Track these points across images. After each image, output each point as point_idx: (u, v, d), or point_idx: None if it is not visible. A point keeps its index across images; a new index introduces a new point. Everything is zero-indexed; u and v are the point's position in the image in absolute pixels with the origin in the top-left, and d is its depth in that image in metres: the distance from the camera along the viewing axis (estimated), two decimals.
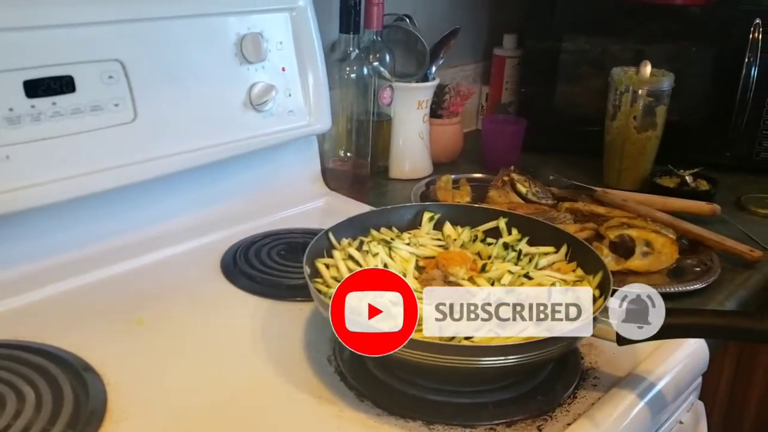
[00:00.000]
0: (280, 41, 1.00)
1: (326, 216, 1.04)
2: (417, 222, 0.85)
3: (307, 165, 1.12)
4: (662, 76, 1.21)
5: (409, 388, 0.65)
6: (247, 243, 0.93)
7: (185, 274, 0.87)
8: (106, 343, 0.71)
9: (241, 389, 0.66)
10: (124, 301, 0.79)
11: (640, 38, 1.34)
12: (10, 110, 0.75)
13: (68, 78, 0.79)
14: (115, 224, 0.89)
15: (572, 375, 0.69)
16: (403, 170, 1.27)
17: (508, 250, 0.78)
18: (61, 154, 0.79)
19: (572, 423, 0.62)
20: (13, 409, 0.59)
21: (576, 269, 0.76)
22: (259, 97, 0.97)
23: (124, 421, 0.60)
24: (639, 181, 1.25)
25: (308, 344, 0.73)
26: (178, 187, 0.94)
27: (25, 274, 0.81)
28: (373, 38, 1.16)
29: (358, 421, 0.62)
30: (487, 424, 0.62)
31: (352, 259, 0.75)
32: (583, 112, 1.41)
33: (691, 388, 0.77)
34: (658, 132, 1.23)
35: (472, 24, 1.52)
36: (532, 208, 1.06)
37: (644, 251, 0.93)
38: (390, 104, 1.21)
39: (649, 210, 1.06)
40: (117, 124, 0.84)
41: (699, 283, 0.90)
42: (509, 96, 1.54)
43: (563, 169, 1.29)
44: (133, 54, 0.84)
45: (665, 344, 0.74)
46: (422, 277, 0.74)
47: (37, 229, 0.82)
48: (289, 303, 0.80)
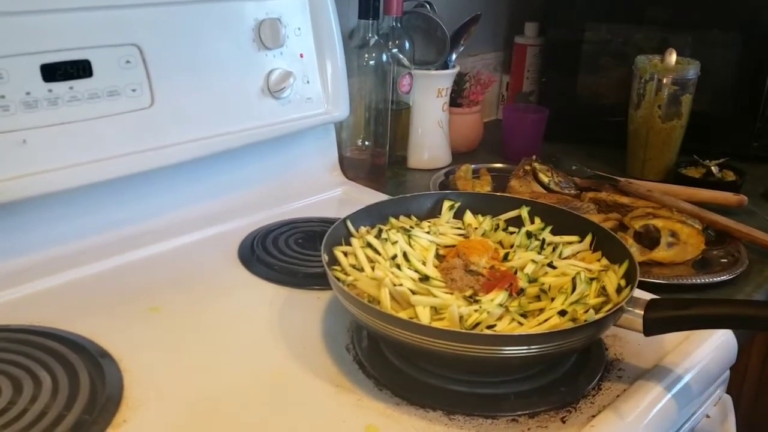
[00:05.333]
0: (298, 27, 0.98)
1: (343, 205, 1.03)
2: (436, 211, 0.84)
3: (325, 153, 1.11)
4: (688, 64, 1.19)
5: (429, 378, 0.64)
6: (265, 231, 0.92)
7: (202, 261, 0.86)
8: (123, 329, 0.70)
9: (258, 377, 0.65)
10: (140, 288, 0.79)
11: (664, 26, 1.32)
12: (27, 94, 0.74)
13: (85, 62, 0.78)
14: (132, 211, 0.89)
15: (596, 366, 0.67)
16: (421, 160, 1.25)
17: (531, 239, 0.76)
18: (78, 139, 0.78)
19: (597, 415, 0.61)
20: (30, 394, 0.58)
21: (601, 259, 0.74)
22: (276, 84, 0.96)
23: (141, 408, 0.59)
24: (663, 171, 1.23)
25: (326, 333, 0.72)
26: (195, 174, 0.94)
27: (42, 260, 0.80)
28: (393, 25, 1.14)
29: (377, 410, 0.61)
30: (509, 415, 0.61)
31: (371, 247, 0.73)
32: (605, 101, 1.39)
33: (718, 381, 0.75)
34: (683, 121, 1.21)
35: (493, 11, 1.49)
36: (554, 198, 1.04)
37: (670, 242, 0.91)
38: (409, 92, 1.19)
39: (674, 200, 1.03)
40: (134, 110, 0.83)
41: (726, 275, 0.87)
42: (530, 85, 1.52)
43: (585, 159, 1.27)
44: (150, 38, 0.83)
45: (692, 336, 0.72)
46: (442, 265, 0.72)
47: (53, 214, 0.82)
48: (306, 291, 0.79)
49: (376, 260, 0.71)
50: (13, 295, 0.75)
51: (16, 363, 0.62)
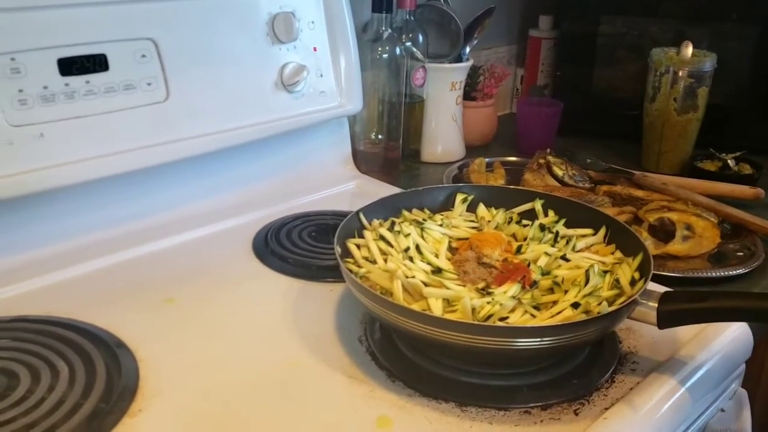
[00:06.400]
0: (312, 20, 0.99)
1: (356, 199, 1.03)
2: (449, 204, 0.84)
3: (338, 147, 1.11)
4: (704, 57, 1.18)
5: (442, 370, 0.64)
6: (278, 224, 0.92)
7: (217, 254, 0.86)
8: (139, 320, 0.71)
9: (272, 367, 0.65)
10: (155, 279, 0.79)
11: (679, 19, 1.30)
12: (44, 88, 0.75)
13: (101, 56, 0.79)
14: (147, 204, 0.89)
15: (610, 359, 0.67)
16: (435, 153, 1.25)
17: (544, 232, 0.76)
18: (94, 132, 0.79)
19: (610, 407, 0.61)
20: (48, 383, 0.59)
21: (615, 252, 0.73)
22: (290, 78, 0.96)
23: (157, 397, 0.60)
24: (679, 164, 1.22)
25: (339, 324, 0.72)
26: (209, 167, 0.94)
27: (59, 251, 0.81)
28: (406, 18, 1.14)
29: (390, 401, 0.61)
30: (522, 407, 0.61)
31: (384, 240, 0.73)
32: (620, 95, 1.38)
33: (733, 375, 0.74)
34: (699, 114, 1.20)
35: (507, 4, 1.49)
36: (568, 191, 1.04)
37: (685, 235, 0.90)
38: (423, 85, 1.19)
39: (689, 194, 1.03)
40: (149, 104, 0.84)
41: (742, 268, 0.87)
42: (545, 78, 1.51)
43: (600, 153, 1.26)
44: (165, 33, 0.84)
45: (707, 329, 0.71)
46: (455, 258, 0.72)
47: (69, 207, 0.83)
48: (320, 284, 0.80)
49: (388, 252, 0.71)
50: (30, 287, 0.76)
51: (34, 353, 0.63)
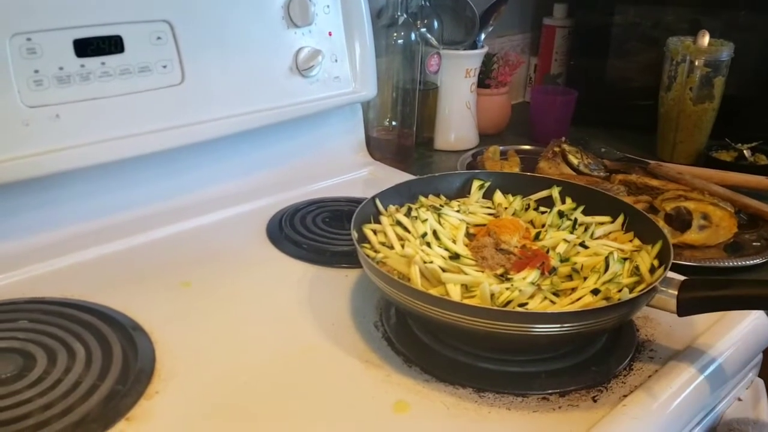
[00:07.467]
0: (327, 5, 0.98)
1: (370, 186, 1.02)
2: (465, 190, 0.83)
3: (352, 133, 1.11)
4: (721, 46, 1.16)
5: (458, 355, 0.64)
6: (293, 210, 0.92)
7: (231, 238, 0.86)
8: (154, 303, 0.71)
9: (288, 351, 0.65)
10: (171, 263, 0.79)
11: (694, 8, 1.29)
12: (60, 69, 0.75)
13: (117, 38, 0.78)
14: (161, 187, 0.89)
15: (628, 347, 0.66)
16: (448, 141, 1.25)
17: (562, 219, 0.76)
18: (109, 114, 0.79)
19: (629, 395, 0.60)
20: (64, 365, 0.59)
21: (633, 239, 0.73)
22: (305, 62, 0.95)
23: (173, 380, 0.60)
24: (694, 154, 1.21)
25: (355, 310, 0.72)
26: (223, 152, 0.94)
27: (75, 234, 0.81)
28: (422, 3, 1.13)
29: (406, 386, 0.60)
30: (540, 393, 0.60)
31: (400, 225, 0.73)
32: (634, 85, 1.37)
33: (751, 364, 0.74)
34: (715, 104, 1.18)
35: None
36: (583, 179, 1.03)
37: (701, 224, 0.90)
38: (437, 72, 1.18)
39: (705, 183, 1.02)
40: (165, 86, 0.83)
41: (759, 258, 0.86)
42: (559, 67, 1.50)
43: (614, 142, 1.25)
44: (181, 15, 0.83)
45: (725, 318, 0.71)
46: (473, 244, 0.72)
47: (85, 189, 0.82)
48: (334, 269, 0.79)
49: (405, 238, 0.71)
50: (46, 269, 0.76)
51: (51, 334, 0.63)
